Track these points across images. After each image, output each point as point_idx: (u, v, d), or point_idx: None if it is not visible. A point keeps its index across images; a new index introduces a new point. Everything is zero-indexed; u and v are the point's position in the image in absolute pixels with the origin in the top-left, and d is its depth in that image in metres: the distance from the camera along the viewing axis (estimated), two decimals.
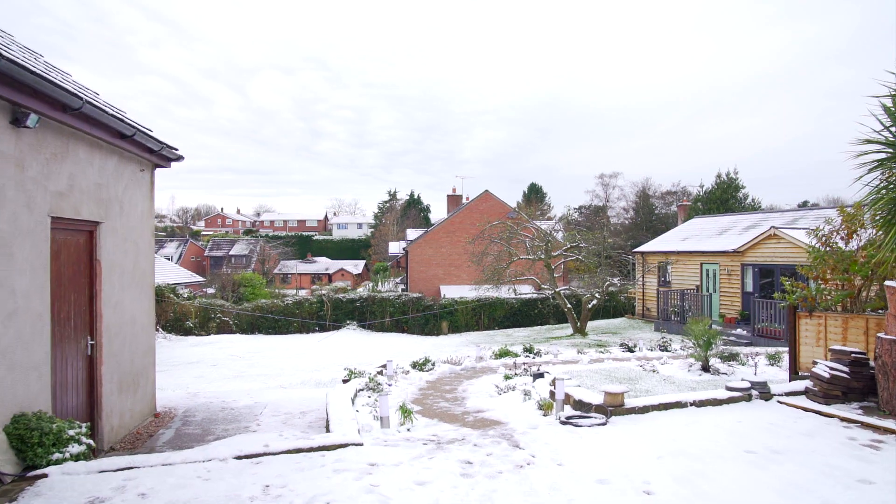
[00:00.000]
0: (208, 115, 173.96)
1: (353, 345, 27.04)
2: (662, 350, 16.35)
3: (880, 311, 9.84)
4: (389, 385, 8.55)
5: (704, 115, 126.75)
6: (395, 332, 33.06)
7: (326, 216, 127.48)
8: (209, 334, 30.94)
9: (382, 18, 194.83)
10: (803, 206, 47.66)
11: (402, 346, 26.67)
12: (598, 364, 13.62)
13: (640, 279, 28.66)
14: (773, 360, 13.74)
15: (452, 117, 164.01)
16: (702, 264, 27.04)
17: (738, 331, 22.09)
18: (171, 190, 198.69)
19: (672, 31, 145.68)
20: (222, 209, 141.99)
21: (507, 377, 9.34)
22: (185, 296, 33.87)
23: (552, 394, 7.43)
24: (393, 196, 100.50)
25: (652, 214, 65.10)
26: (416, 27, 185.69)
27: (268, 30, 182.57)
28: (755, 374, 12.86)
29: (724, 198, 44.37)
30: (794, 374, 11.00)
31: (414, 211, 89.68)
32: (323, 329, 32.62)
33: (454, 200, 43.71)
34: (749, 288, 24.51)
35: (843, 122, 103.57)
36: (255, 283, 45.21)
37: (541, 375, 9.04)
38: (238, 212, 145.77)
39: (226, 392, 9.75)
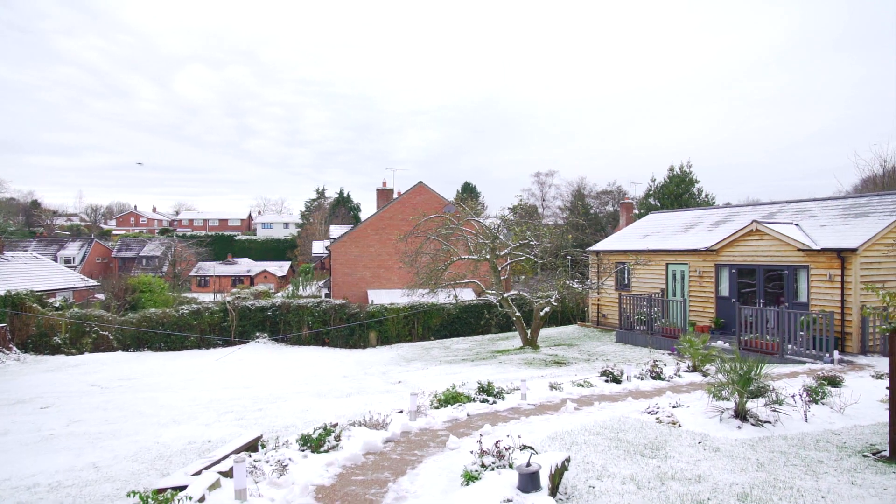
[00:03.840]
0: (129, 109, 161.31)
1: (259, 365, 22.07)
2: (656, 377, 12.45)
3: None
4: None
5: (634, 120, 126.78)
6: (314, 345, 28.16)
7: (250, 215, 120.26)
8: (82, 353, 25.19)
9: (316, 13, 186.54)
10: (725, 206, 45.35)
11: (320, 366, 21.93)
12: (588, 410, 9.48)
13: (598, 282, 25.03)
14: (815, 395, 10.01)
15: (387, 117, 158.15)
16: (667, 265, 23.63)
17: (719, 343, 18.64)
18: (78, 186, 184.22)
19: (602, 38, 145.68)
20: (136, 207, 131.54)
21: (469, 478, 5.02)
22: (56, 305, 27.83)
23: None
24: (321, 194, 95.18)
25: (587, 214, 62.77)
26: (351, 24, 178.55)
27: (194, 21, 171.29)
28: (806, 420, 9.09)
29: (679, 192, 41.54)
30: None
31: (343, 210, 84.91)
32: (227, 343, 27.36)
33: (384, 195, 39.02)
34: (725, 292, 21.22)
35: (760, 131, 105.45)
36: (153, 288, 39.09)
37: (533, 477, 4.77)
38: (154, 210, 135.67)
39: None
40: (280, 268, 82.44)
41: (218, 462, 5.53)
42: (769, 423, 8.76)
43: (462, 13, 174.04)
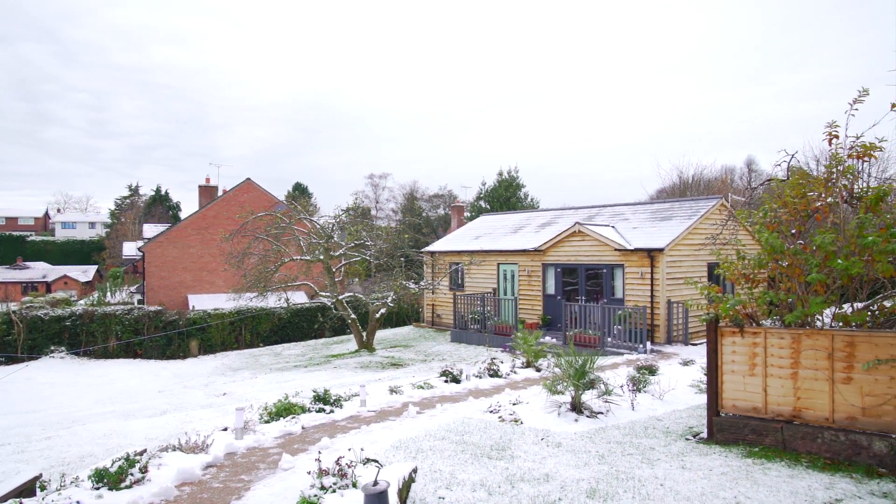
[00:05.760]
0: None
1: (54, 384, 19.12)
2: (493, 375, 12.53)
3: (854, 327, 6.83)
4: None
5: (465, 126, 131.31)
6: (124, 357, 25.15)
7: (48, 213, 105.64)
8: None
9: None
10: (550, 209, 48.76)
11: (130, 380, 19.54)
12: (430, 413, 9.14)
13: (433, 282, 25.14)
14: (638, 384, 10.61)
15: (213, 112, 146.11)
16: (499, 265, 24.39)
17: (548, 338, 19.50)
18: None
19: (433, 45, 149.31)
20: None
21: None
22: None
23: None
24: (134, 191, 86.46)
25: (419, 217, 63.77)
26: (171, 7, 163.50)
27: None
28: (633, 408, 9.55)
29: (507, 196, 43.65)
30: (716, 414, 7.72)
31: (161, 208, 77.79)
32: (12, 361, 23.41)
33: (207, 192, 36.11)
34: (551, 290, 22.32)
35: (579, 142, 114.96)
36: None
37: (381, 497, 4.24)
38: None
39: None
40: (84, 272, 73.48)
41: None
42: (602, 413, 9.05)
43: (289, 7, 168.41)
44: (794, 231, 7.24)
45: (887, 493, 5.44)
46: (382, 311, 22.36)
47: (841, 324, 6.95)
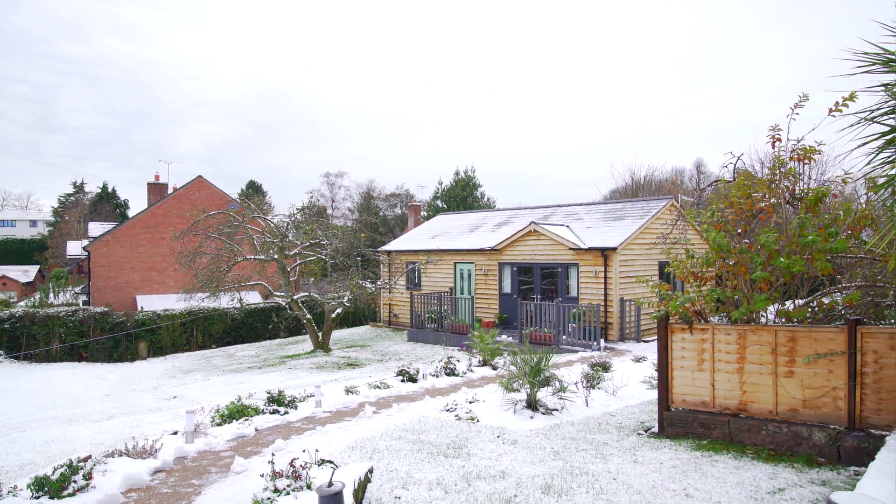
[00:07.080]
0: None
1: None
2: (450, 374, 12.55)
3: (795, 323, 7.10)
4: None
5: (422, 126, 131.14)
6: (69, 360, 24.18)
7: None
8: None
9: None
10: (506, 209, 49.10)
11: (75, 384, 18.83)
12: (387, 413, 9.09)
13: (390, 282, 25.04)
14: (592, 381, 10.81)
15: (164, 106, 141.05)
16: (455, 264, 24.46)
17: (504, 337, 19.66)
18: None
19: (390, 44, 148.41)
20: None
21: None
22: None
23: None
24: (79, 188, 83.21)
25: (376, 216, 63.38)
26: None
27: None
28: (587, 404, 9.72)
29: (464, 195, 43.86)
30: (666, 409, 7.92)
31: (107, 207, 75.01)
32: None
33: (157, 190, 35.02)
34: (507, 289, 22.51)
35: (534, 143, 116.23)
36: None
37: (336, 498, 4.21)
38: None
39: None
40: (25, 273, 70.45)
41: None
42: (557, 410, 9.18)
43: (247, 1, 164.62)
44: (739, 230, 7.50)
45: (826, 482, 5.68)
46: (338, 310, 22.14)
47: (783, 320, 7.23)
